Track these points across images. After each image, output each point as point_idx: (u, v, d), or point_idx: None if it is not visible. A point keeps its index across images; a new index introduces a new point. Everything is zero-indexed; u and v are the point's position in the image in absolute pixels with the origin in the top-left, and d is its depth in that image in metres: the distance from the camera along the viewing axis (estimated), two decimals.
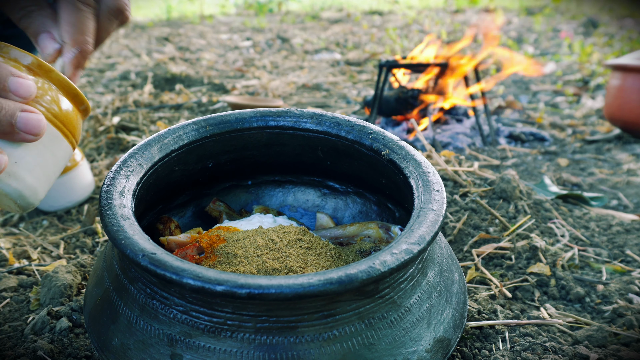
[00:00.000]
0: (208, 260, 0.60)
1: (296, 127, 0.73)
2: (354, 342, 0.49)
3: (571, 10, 5.72)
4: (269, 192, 0.84)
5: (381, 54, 3.62)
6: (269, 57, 3.57)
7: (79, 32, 0.52)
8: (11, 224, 1.09)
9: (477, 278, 0.84)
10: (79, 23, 0.52)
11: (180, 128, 0.69)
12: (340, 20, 5.64)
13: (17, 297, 0.78)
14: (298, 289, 0.45)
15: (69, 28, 0.52)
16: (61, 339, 0.66)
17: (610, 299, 0.80)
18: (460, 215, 1.00)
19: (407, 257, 0.49)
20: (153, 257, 0.48)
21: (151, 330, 0.50)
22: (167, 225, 0.72)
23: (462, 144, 1.70)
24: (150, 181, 0.65)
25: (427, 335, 0.53)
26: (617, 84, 1.78)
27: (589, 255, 0.93)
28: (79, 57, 0.53)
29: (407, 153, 0.66)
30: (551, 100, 2.46)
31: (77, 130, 0.54)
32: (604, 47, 3.71)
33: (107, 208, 0.54)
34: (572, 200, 1.20)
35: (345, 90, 2.64)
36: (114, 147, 1.54)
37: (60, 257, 0.92)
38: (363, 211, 0.80)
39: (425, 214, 0.56)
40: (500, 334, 0.70)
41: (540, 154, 1.70)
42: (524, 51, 3.65)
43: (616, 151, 1.71)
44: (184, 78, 2.63)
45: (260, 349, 0.48)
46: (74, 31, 0.52)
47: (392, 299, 0.52)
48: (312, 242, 0.64)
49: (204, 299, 0.48)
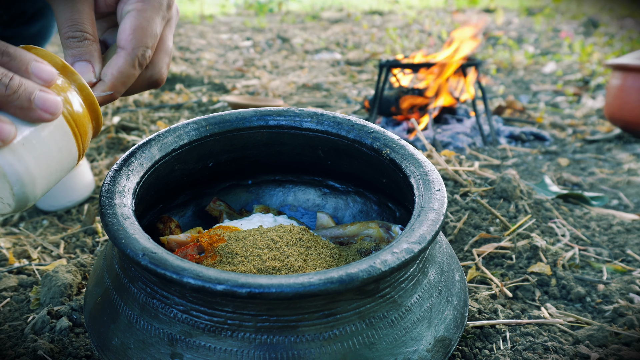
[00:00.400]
0: (208, 259, 0.60)
1: (296, 127, 0.73)
2: (355, 342, 0.49)
3: (571, 10, 5.72)
4: (269, 192, 0.84)
5: (381, 53, 3.62)
6: (269, 57, 3.57)
7: (121, 82, 0.55)
8: (11, 224, 1.09)
9: (477, 278, 0.84)
10: (126, 76, 0.55)
11: (180, 127, 0.69)
12: (341, 20, 5.64)
13: (17, 296, 0.78)
14: (299, 288, 0.45)
15: (115, 73, 0.54)
16: (61, 338, 0.66)
17: (611, 299, 0.80)
18: (461, 214, 1.00)
19: (408, 257, 0.49)
20: (153, 257, 0.48)
21: (151, 330, 0.50)
22: (167, 225, 0.72)
23: (463, 143, 1.70)
24: (150, 180, 0.65)
25: (427, 335, 0.53)
26: (617, 84, 1.78)
27: (589, 255, 0.93)
28: (106, 98, 0.55)
29: (408, 152, 0.66)
30: (551, 100, 2.45)
31: (87, 138, 0.53)
32: (605, 46, 3.71)
33: (108, 207, 0.54)
34: (572, 200, 1.20)
35: (346, 90, 2.64)
36: (114, 147, 1.54)
37: (61, 257, 0.92)
38: (364, 210, 0.80)
39: (426, 213, 0.56)
40: (501, 333, 0.69)
41: (540, 153, 1.70)
42: (524, 51, 3.65)
43: (617, 151, 1.71)
44: (184, 78, 2.63)
45: (261, 348, 0.48)
46: (118, 78, 0.55)
47: (392, 299, 0.52)
48: (313, 242, 0.64)
49: (204, 298, 0.48)
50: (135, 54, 0.54)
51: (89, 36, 0.55)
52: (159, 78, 0.60)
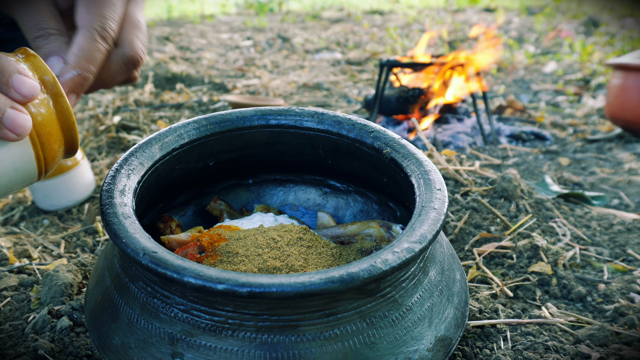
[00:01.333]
0: (209, 259, 0.60)
1: (297, 126, 0.73)
2: (355, 341, 0.49)
3: (572, 10, 5.71)
4: (270, 191, 0.83)
5: (382, 53, 3.61)
6: (270, 57, 3.57)
7: (85, 59, 0.52)
8: (12, 223, 1.09)
9: (478, 277, 0.84)
10: (88, 51, 0.52)
11: (181, 127, 0.69)
12: (341, 19, 5.64)
13: (17, 296, 0.78)
14: (299, 288, 0.45)
15: (76, 52, 0.52)
16: (62, 337, 0.66)
17: (611, 298, 0.79)
18: (462, 214, 1.00)
19: (409, 256, 0.49)
20: (154, 256, 0.47)
21: (152, 329, 0.50)
22: (168, 224, 0.72)
23: (463, 143, 1.70)
24: (151, 180, 0.65)
25: (428, 334, 0.53)
26: (618, 83, 1.78)
27: (590, 255, 0.93)
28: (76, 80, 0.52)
29: (409, 152, 0.66)
30: (552, 100, 2.45)
31: (53, 159, 0.51)
32: (605, 46, 3.71)
33: (108, 207, 0.54)
34: (573, 200, 1.19)
35: (346, 89, 2.63)
36: (114, 146, 1.54)
37: (61, 256, 0.92)
38: (364, 210, 0.80)
39: (427, 212, 0.55)
40: (502, 333, 0.69)
41: (541, 153, 1.70)
42: (524, 50, 3.64)
43: (617, 150, 1.71)
44: (185, 77, 2.63)
45: (262, 348, 0.48)
46: (81, 55, 0.52)
47: (393, 298, 0.52)
48: (313, 241, 0.64)
49: (205, 298, 0.48)
50: (92, 26, 0.52)
51: (53, 31, 0.53)
52: (133, 55, 0.57)
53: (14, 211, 1.14)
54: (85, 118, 1.94)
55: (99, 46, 0.53)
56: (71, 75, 0.52)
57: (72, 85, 0.52)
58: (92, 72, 0.53)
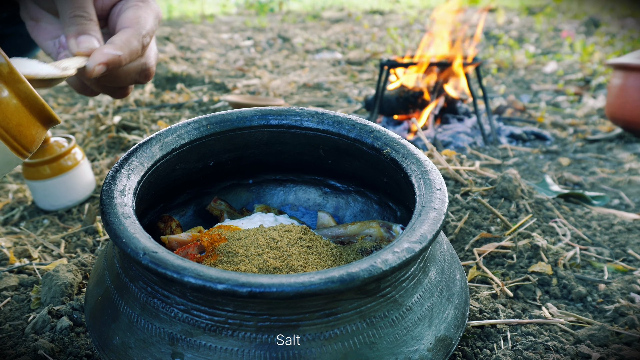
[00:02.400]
0: (209, 259, 0.60)
1: (297, 126, 0.73)
2: (356, 341, 0.49)
3: (572, 10, 5.71)
4: (270, 191, 0.83)
5: (382, 53, 3.61)
6: (270, 57, 3.57)
7: (128, 49, 0.58)
8: (12, 223, 1.09)
9: (478, 277, 0.84)
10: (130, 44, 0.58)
11: (181, 127, 0.69)
12: (341, 19, 5.64)
13: (17, 296, 0.78)
14: (299, 288, 0.45)
15: (124, 39, 0.58)
16: (62, 337, 0.66)
17: (612, 298, 0.79)
18: (462, 214, 1.00)
19: (409, 256, 0.49)
20: (154, 256, 0.47)
21: (152, 329, 0.50)
22: (168, 224, 0.72)
23: (464, 143, 1.70)
24: (151, 180, 0.65)
25: (428, 334, 0.53)
26: (618, 83, 1.78)
27: (590, 255, 0.93)
28: (114, 58, 0.56)
29: (409, 152, 0.66)
30: (552, 100, 2.45)
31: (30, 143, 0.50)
32: (606, 46, 3.71)
33: (108, 207, 0.54)
34: (573, 200, 1.19)
35: (347, 89, 2.63)
36: (114, 146, 1.54)
37: (61, 256, 0.92)
38: (364, 210, 0.80)
39: (427, 212, 0.55)
40: (502, 333, 0.69)
41: (541, 153, 1.70)
42: (525, 50, 3.64)
43: (618, 150, 1.71)
44: (185, 77, 2.63)
45: (262, 348, 0.48)
46: (126, 44, 0.57)
47: (393, 298, 0.52)
48: (314, 241, 0.64)
49: (205, 298, 0.48)
50: (140, 32, 0.59)
51: (92, 17, 0.59)
52: (149, 68, 0.64)
53: (14, 211, 1.14)
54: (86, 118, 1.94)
55: (138, 46, 0.59)
56: (115, 53, 0.56)
57: (110, 60, 0.56)
58: (125, 61, 0.58)
